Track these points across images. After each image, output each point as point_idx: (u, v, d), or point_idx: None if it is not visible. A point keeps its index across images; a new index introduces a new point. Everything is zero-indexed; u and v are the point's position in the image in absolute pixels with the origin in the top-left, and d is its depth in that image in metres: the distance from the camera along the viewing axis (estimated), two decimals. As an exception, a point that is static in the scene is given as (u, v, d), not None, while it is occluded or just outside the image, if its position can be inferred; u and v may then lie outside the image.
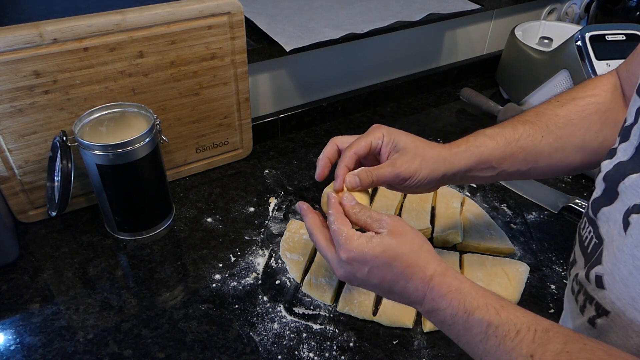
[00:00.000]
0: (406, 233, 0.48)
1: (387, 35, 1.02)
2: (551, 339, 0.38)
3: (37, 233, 0.75)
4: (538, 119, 0.58)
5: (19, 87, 0.66)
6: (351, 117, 1.06)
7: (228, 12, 0.75)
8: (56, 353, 0.59)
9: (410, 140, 0.56)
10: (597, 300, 0.46)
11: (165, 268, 0.71)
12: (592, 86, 0.59)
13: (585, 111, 0.58)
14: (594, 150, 0.58)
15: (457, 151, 0.57)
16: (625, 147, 0.47)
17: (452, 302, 0.44)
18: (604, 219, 0.46)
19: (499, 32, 1.23)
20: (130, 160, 0.67)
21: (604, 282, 0.44)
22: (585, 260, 0.49)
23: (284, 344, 0.61)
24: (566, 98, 0.59)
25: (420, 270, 0.47)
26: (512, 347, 0.39)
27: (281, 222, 0.79)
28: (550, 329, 0.39)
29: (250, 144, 0.91)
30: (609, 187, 0.46)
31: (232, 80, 0.82)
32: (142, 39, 0.70)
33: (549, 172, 0.61)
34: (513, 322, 0.40)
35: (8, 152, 0.69)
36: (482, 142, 0.57)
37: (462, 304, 0.44)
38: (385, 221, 0.49)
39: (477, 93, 1.08)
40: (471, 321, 0.43)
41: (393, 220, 0.49)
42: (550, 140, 0.58)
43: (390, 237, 0.47)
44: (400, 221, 0.49)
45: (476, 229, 0.77)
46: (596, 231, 0.47)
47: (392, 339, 0.62)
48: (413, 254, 0.47)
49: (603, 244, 0.46)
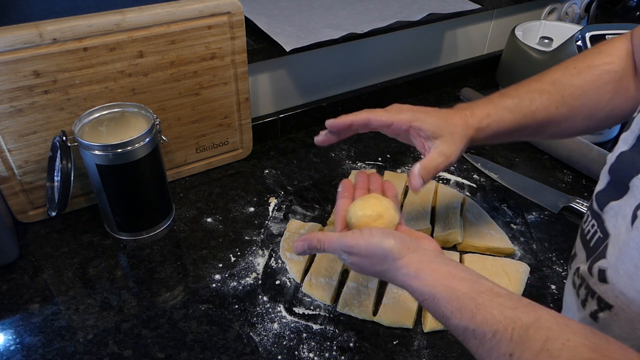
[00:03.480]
0: (364, 256, 0.50)
1: (387, 35, 1.02)
2: (531, 336, 0.37)
3: (37, 233, 0.75)
4: (554, 88, 0.58)
5: (19, 87, 0.65)
6: (351, 117, 1.06)
7: (228, 12, 0.75)
8: (56, 353, 0.59)
9: (436, 119, 0.56)
10: (599, 294, 0.46)
11: (165, 268, 0.71)
12: (607, 52, 0.59)
13: (600, 80, 0.58)
14: (601, 119, 0.59)
15: (480, 127, 0.57)
16: (627, 136, 0.47)
17: (429, 307, 0.46)
18: (612, 213, 0.46)
19: (499, 32, 1.23)
20: (130, 160, 0.67)
21: (607, 276, 0.44)
22: (587, 254, 0.49)
23: (284, 344, 0.61)
24: (582, 65, 0.59)
25: (393, 280, 0.49)
26: (490, 347, 0.39)
27: (281, 222, 0.79)
28: (531, 325, 0.38)
29: (250, 144, 0.91)
30: (616, 181, 0.46)
31: (232, 80, 0.82)
32: (142, 39, 0.70)
33: (551, 137, 0.64)
34: (489, 324, 0.40)
35: (8, 152, 0.69)
36: (502, 116, 0.58)
37: (437, 311, 0.44)
38: (343, 256, 0.52)
39: (477, 93, 1.08)
40: (449, 326, 0.44)
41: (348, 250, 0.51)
42: (563, 111, 0.58)
43: (353, 265, 0.51)
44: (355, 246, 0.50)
45: (476, 229, 0.77)
46: (601, 225, 0.47)
47: (392, 339, 0.62)
48: (379, 273, 0.50)
49: (609, 238, 0.46)
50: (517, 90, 0.60)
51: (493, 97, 0.59)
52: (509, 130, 0.58)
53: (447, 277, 0.45)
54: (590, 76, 0.58)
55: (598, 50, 0.60)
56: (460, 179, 0.89)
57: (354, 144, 0.97)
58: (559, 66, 0.61)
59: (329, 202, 0.83)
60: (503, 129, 0.58)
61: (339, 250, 0.52)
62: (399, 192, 0.83)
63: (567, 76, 0.59)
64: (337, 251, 0.52)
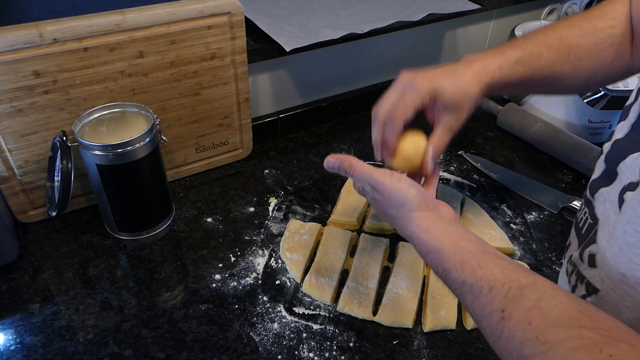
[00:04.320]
0: (386, 196, 0.52)
1: (387, 35, 1.02)
2: (525, 295, 0.38)
3: (37, 233, 0.75)
4: (562, 45, 0.59)
5: (19, 87, 0.65)
6: (351, 117, 1.06)
7: (228, 12, 0.75)
8: (56, 353, 0.59)
9: (454, 89, 0.56)
10: (588, 279, 0.46)
11: (165, 268, 0.71)
12: (610, 15, 0.59)
13: (604, 44, 0.59)
14: (599, 81, 0.61)
15: (491, 82, 0.57)
16: (623, 125, 0.47)
17: (432, 261, 0.47)
18: (602, 199, 0.47)
19: (499, 32, 1.23)
20: (130, 160, 0.67)
21: (596, 261, 0.45)
22: (579, 241, 0.50)
23: (284, 344, 0.61)
24: (588, 26, 0.60)
25: (402, 230, 0.51)
26: (485, 302, 0.40)
27: (281, 222, 0.79)
28: (527, 285, 0.39)
29: (250, 144, 0.91)
30: (609, 168, 0.47)
31: (232, 80, 0.82)
32: (142, 39, 0.70)
33: (553, 92, 0.68)
34: (487, 280, 0.41)
35: (8, 152, 0.69)
36: (513, 70, 0.58)
37: (439, 264, 0.46)
38: (366, 187, 0.55)
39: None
40: (448, 279, 0.45)
41: (373, 184, 0.53)
42: (567, 69, 0.59)
43: (372, 202, 0.54)
44: (381, 183, 0.52)
45: (476, 229, 0.77)
46: (592, 212, 0.48)
47: (392, 339, 0.62)
48: (392, 218, 0.52)
49: (598, 224, 0.46)
50: (526, 42, 0.60)
51: (504, 47, 0.60)
52: (517, 83, 0.59)
53: (455, 236, 0.47)
54: (595, 38, 0.59)
55: (601, 12, 0.60)
56: (460, 179, 0.89)
57: (354, 144, 0.97)
58: (564, 23, 0.61)
59: (329, 202, 0.83)
60: (513, 82, 0.59)
61: (365, 181, 0.54)
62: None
63: (573, 35, 0.60)
64: (363, 182, 0.54)
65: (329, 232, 0.75)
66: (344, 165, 0.56)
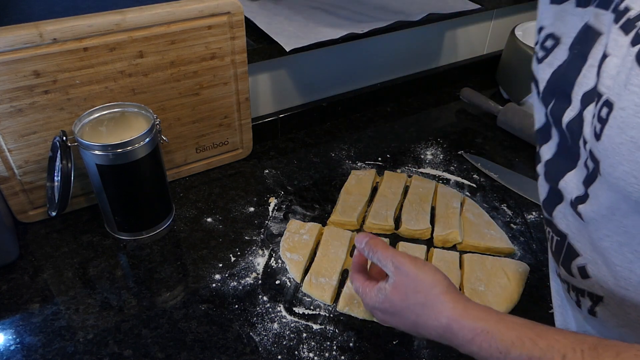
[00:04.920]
0: (412, 279, 0.48)
1: (387, 35, 1.02)
2: (601, 354, 0.36)
3: (37, 233, 0.75)
4: None
5: (19, 87, 0.65)
6: (351, 117, 1.06)
7: (228, 12, 0.75)
8: (56, 353, 0.59)
9: None
10: (587, 290, 0.46)
11: (165, 268, 0.71)
12: None
13: None
14: None
15: None
16: (548, 146, 0.47)
17: (482, 345, 0.42)
18: (561, 216, 0.47)
19: (499, 32, 1.22)
20: (130, 160, 0.67)
21: (588, 271, 0.45)
22: (556, 259, 0.50)
23: (284, 344, 0.61)
24: None
25: (433, 319, 0.46)
26: None
27: (281, 222, 0.79)
28: (597, 344, 0.36)
29: (250, 144, 0.91)
30: (552, 187, 0.47)
31: (232, 80, 0.82)
32: (142, 39, 0.70)
33: None
34: (555, 349, 0.37)
35: (8, 152, 0.69)
36: None
37: (493, 345, 0.41)
38: (389, 268, 0.50)
39: (477, 93, 1.08)
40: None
41: (397, 265, 0.50)
42: None
43: (393, 291, 0.49)
44: (406, 263, 0.49)
45: (476, 229, 0.77)
46: (555, 229, 0.48)
47: (392, 339, 0.62)
48: (418, 306, 0.48)
49: (567, 238, 0.46)
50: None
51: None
52: None
53: (493, 312, 0.44)
54: None
55: None
56: (460, 179, 0.89)
57: (354, 144, 0.97)
58: None
59: (329, 202, 0.83)
60: None
61: (389, 260, 0.51)
62: (399, 192, 0.83)
63: None
64: (387, 261, 0.51)
65: (329, 232, 0.75)
66: (368, 252, 0.54)
